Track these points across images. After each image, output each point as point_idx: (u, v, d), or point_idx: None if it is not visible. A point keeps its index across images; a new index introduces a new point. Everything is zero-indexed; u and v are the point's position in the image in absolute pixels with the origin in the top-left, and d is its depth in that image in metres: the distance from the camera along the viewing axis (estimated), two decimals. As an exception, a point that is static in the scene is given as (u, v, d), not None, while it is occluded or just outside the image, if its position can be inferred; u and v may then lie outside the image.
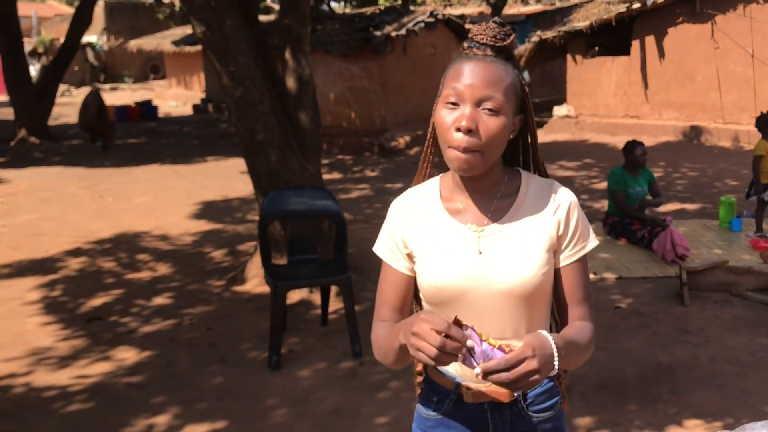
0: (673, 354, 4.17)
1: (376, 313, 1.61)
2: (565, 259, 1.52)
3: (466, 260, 1.48)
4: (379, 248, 1.62)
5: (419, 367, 1.68)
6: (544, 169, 1.61)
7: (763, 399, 3.62)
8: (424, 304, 1.59)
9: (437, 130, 1.47)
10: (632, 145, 6.46)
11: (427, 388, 1.64)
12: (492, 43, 1.45)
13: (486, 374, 1.24)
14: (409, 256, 1.56)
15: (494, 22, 1.48)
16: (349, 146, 13.09)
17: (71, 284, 5.81)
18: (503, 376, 1.23)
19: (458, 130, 1.39)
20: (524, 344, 1.27)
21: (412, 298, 1.61)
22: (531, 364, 1.24)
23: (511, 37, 1.46)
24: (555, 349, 1.31)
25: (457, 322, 1.27)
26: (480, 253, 1.48)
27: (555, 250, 1.51)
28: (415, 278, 1.57)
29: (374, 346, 1.58)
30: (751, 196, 6.55)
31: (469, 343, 1.26)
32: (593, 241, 1.55)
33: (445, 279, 1.49)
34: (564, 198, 1.52)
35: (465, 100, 1.40)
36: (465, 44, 1.49)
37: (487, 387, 1.50)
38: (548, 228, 1.49)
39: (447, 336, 1.24)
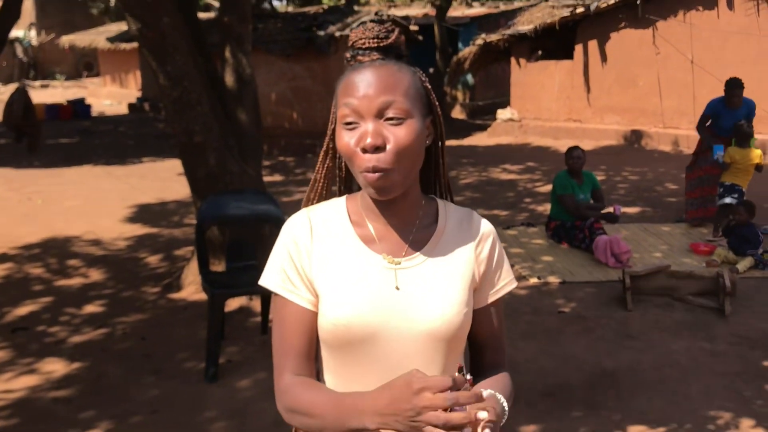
0: (617, 359, 4.17)
1: (280, 365, 1.32)
2: (489, 297, 1.40)
3: (382, 296, 1.30)
4: (271, 280, 1.36)
5: None
6: (448, 184, 1.45)
7: (705, 404, 3.65)
8: (321, 347, 1.36)
9: (343, 157, 1.30)
10: (568, 150, 6.62)
11: None
12: (375, 45, 1.29)
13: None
14: (312, 289, 1.33)
15: (372, 21, 1.33)
16: (291, 148, 12.91)
17: (-5, 292, 5.50)
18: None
19: (365, 150, 1.23)
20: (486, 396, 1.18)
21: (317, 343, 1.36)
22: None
23: (395, 33, 1.30)
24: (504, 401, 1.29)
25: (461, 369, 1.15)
26: (398, 288, 1.31)
27: (475, 288, 1.37)
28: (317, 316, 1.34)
29: (297, 413, 1.27)
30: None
31: (480, 414, 1.10)
32: (514, 281, 1.43)
33: (357, 316, 1.28)
34: (486, 231, 1.40)
35: (363, 115, 1.23)
36: (347, 54, 1.32)
37: None
38: (471, 263, 1.36)
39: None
